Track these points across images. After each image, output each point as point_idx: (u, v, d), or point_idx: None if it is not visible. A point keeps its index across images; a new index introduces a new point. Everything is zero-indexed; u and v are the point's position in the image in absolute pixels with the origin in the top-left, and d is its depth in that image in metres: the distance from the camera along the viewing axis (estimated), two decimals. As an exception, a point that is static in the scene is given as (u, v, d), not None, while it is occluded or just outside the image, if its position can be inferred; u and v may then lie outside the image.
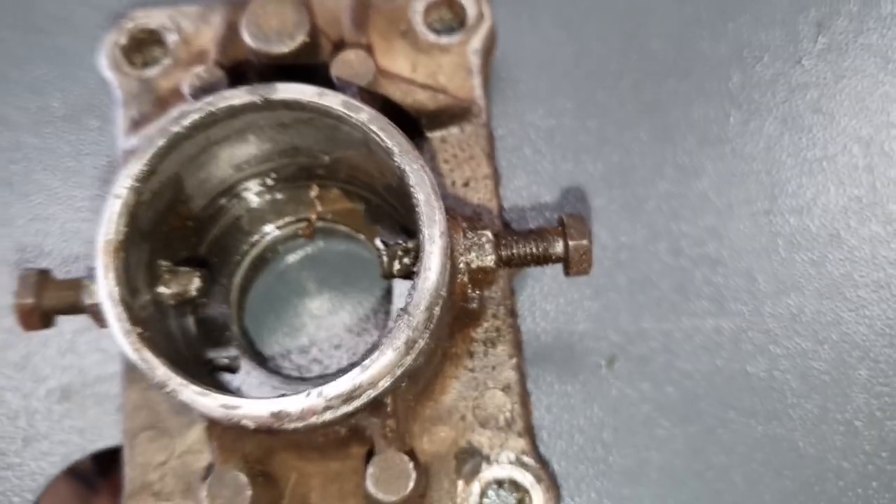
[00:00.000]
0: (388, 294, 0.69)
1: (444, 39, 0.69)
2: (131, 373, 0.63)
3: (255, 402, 0.50)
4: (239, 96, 0.55)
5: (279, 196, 0.65)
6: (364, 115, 0.54)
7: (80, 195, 0.73)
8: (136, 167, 0.53)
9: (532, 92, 0.75)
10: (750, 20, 0.76)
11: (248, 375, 0.62)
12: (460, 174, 0.67)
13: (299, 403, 0.50)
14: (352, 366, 0.52)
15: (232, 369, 0.62)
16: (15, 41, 0.77)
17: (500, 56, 0.73)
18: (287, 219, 0.66)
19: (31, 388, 0.69)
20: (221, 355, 0.63)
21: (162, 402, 0.62)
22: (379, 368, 0.51)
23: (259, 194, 0.65)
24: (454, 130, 0.67)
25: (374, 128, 0.54)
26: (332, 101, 0.54)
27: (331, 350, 0.68)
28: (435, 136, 0.67)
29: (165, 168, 0.55)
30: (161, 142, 0.54)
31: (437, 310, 0.52)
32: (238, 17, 0.68)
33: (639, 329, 0.69)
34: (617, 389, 0.68)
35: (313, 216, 0.65)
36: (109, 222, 0.52)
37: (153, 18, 0.70)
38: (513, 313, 0.64)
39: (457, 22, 0.71)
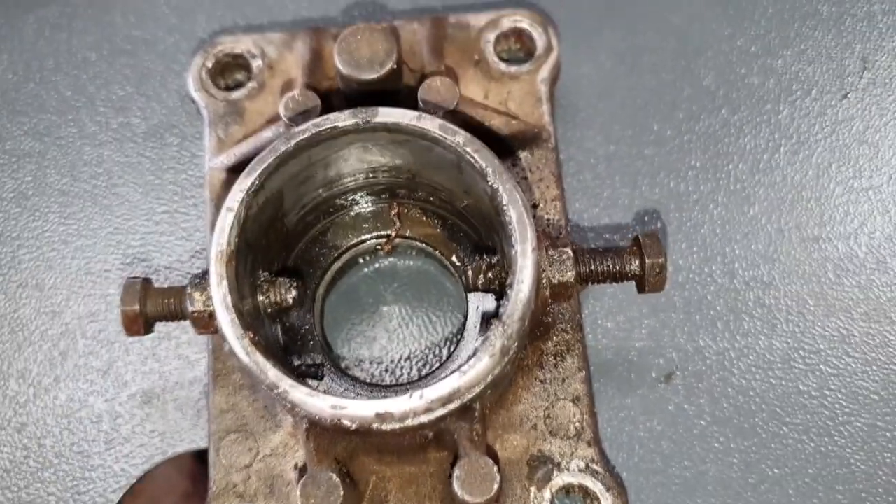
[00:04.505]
0: (455, 309, 0.72)
1: (515, 69, 0.73)
2: (218, 378, 0.66)
3: (361, 402, 0.53)
4: (343, 119, 0.58)
5: (362, 212, 0.69)
6: (460, 138, 0.58)
7: (160, 209, 0.77)
8: (247, 182, 0.57)
9: (591, 119, 0.79)
10: (797, 56, 0.81)
11: (332, 382, 0.65)
12: (530, 196, 0.70)
13: (402, 405, 0.53)
14: (430, 372, 0.55)
15: (316, 376, 0.66)
16: (100, 62, 0.81)
17: (560, 84, 0.77)
18: (367, 234, 0.69)
19: (113, 393, 0.72)
20: (307, 362, 0.66)
21: (247, 406, 0.65)
22: (476, 374, 0.54)
23: (345, 210, 0.68)
24: (524, 154, 0.71)
25: (469, 150, 0.58)
26: (430, 124, 0.58)
27: (401, 361, 0.71)
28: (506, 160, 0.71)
29: (271, 184, 0.59)
30: (271, 159, 0.57)
31: (527, 320, 0.56)
32: (321, 44, 0.73)
33: (695, 347, 0.73)
34: (674, 404, 0.71)
35: (393, 233, 0.69)
36: (222, 233, 0.56)
37: (240, 43, 0.73)
38: (581, 328, 0.67)
39: (523, 52, 0.75)
